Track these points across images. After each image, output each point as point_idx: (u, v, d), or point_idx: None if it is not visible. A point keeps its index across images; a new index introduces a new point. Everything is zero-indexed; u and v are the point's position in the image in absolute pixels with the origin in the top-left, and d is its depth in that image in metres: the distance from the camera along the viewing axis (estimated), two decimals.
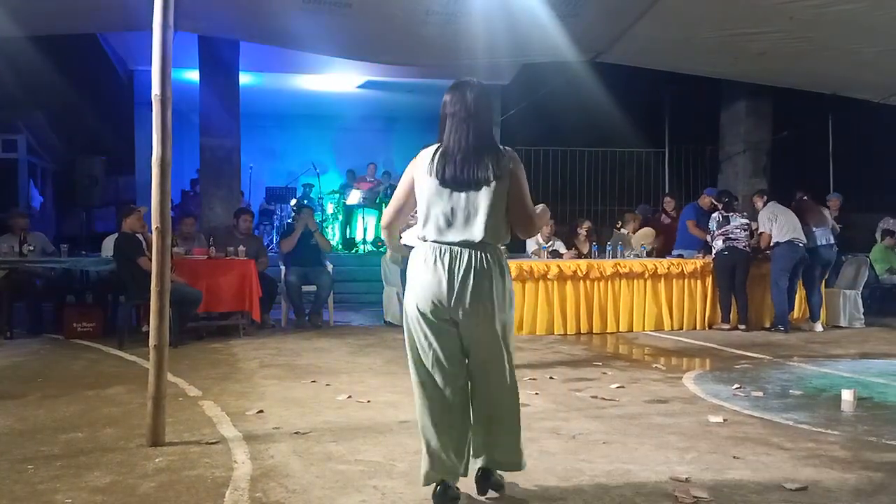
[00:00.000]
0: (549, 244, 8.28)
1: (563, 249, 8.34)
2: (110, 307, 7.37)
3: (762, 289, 8.27)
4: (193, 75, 9.29)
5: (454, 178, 2.68)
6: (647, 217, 10.07)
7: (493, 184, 2.66)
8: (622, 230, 9.10)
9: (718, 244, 7.95)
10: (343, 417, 4.05)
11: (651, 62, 8.92)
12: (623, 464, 3.25)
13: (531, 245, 8.43)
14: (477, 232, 2.66)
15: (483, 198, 2.66)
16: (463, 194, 2.67)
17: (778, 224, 7.84)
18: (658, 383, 5.11)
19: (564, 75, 9.72)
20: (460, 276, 2.64)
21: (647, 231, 9.23)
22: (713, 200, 8.86)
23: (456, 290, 2.64)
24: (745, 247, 7.93)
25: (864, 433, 3.83)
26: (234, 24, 8.06)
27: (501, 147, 2.75)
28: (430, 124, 14.86)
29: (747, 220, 8.01)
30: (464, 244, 2.66)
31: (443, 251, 2.67)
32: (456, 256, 2.66)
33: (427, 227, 2.71)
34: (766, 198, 8.17)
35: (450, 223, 2.68)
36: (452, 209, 2.68)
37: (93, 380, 5.03)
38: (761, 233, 7.96)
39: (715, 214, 8.14)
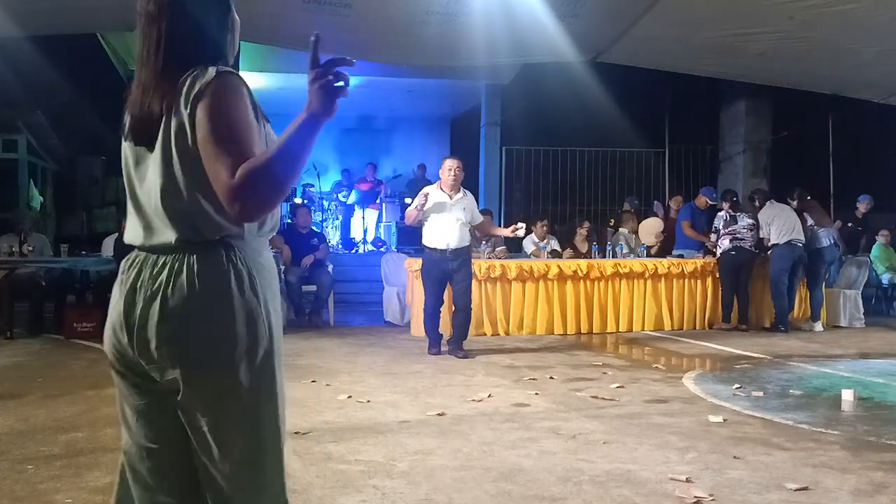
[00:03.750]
0: (545, 242, 8.29)
1: (556, 246, 8.37)
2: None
3: (763, 289, 8.27)
4: None
5: (130, 129, 1.53)
6: (640, 210, 10.08)
7: (172, 130, 1.46)
8: (621, 229, 9.11)
9: (725, 243, 7.94)
10: (343, 417, 4.05)
11: (651, 62, 8.93)
12: (623, 463, 3.25)
13: (529, 245, 8.44)
14: (159, 224, 1.48)
15: (161, 160, 1.48)
16: (144, 159, 1.51)
17: (776, 226, 7.83)
18: (658, 383, 5.11)
19: (564, 75, 9.71)
20: (141, 307, 1.46)
21: (655, 222, 9.21)
22: (708, 200, 8.86)
23: (137, 335, 1.47)
24: (751, 247, 7.94)
25: (864, 433, 3.83)
26: None
27: (206, 67, 1.50)
28: (430, 124, 14.95)
29: (753, 221, 8.00)
30: (154, 248, 1.50)
31: (131, 263, 1.52)
32: (144, 272, 1.48)
33: (126, 220, 1.58)
34: (759, 200, 8.13)
35: (140, 207, 1.52)
36: (133, 186, 1.54)
37: (93, 380, 5.02)
38: (763, 237, 7.95)
39: (722, 213, 8.14)
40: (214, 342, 1.46)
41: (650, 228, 9.14)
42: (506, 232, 6.36)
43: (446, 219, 5.95)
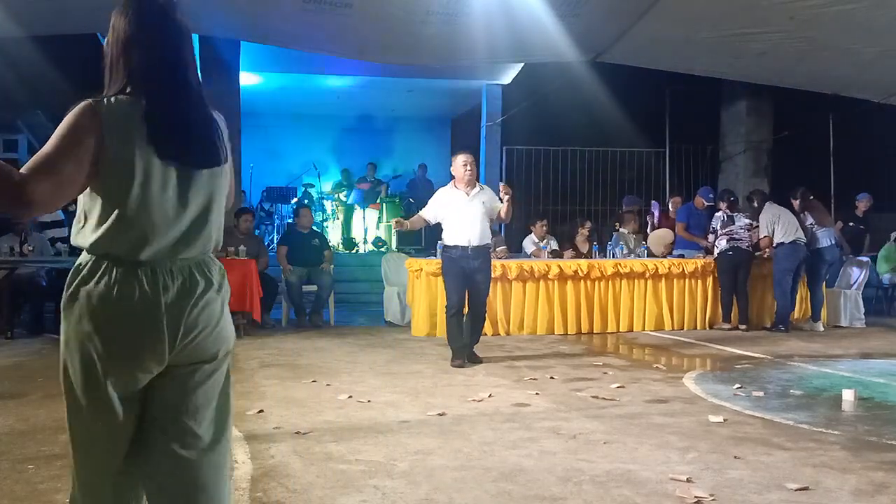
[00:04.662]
0: (545, 242, 8.28)
1: (555, 245, 8.37)
2: None
3: (763, 288, 8.27)
4: None
5: (184, 152, 1.65)
6: (643, 209, 10.08)
7: (226, 164, 1.75)
8: (621, 230, 9.10)
9: (722, 244, 7.94)
10: (343, 417, 4.05)
11: (651, 62, 8.92)
12: (623, 463, 3.25)
13: (529, 246, 8.43)
14: (209, 236, 1.71)
15: (215, 184, 1.71)
16: (192, 179, 1.66)
17: (781, 225, 7.83)
18: (658, 383, 5.11)
19: (565, 75, 9.71)
20: (189, 312, 1.65)
21: (666, 233, 9.17)
22: (704, 200, 8.84)
23: (180, 338, 1.65)
24: (748, 247, 7.94)
25: (864, 433, 3.83)
26: (234, 24, 8.07)
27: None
28: (430, 124, 14.95)
29: (750, 221, 8.01)
30: (188, 261, 1.68)
31: (156, 274, 1.62)
32: (178, 281, 1.65)
33: (124, 230, 1.60)
34: (758, 201, 8.12)
35: (172, 225, 1.64)
36: (176, 203, 1.64)
37: None
38: (763, 236, 7.93)
39: (719, 214, 8.13)
40: (232, 331, 1.81)
41: (661, 239, 9.10)
42: (505, 205, 5.83)
43: (465, 216, 5.74)
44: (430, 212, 5.93)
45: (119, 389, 1.65)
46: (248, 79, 10.53)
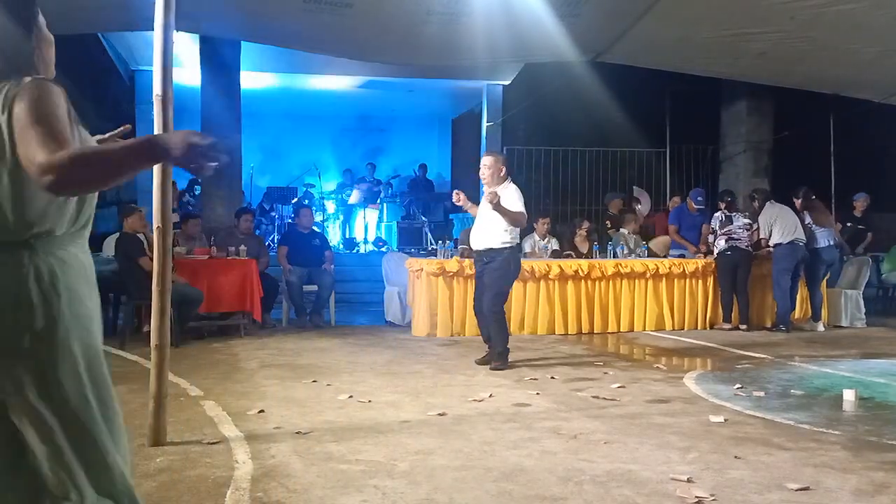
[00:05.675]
0: (546, 241, 8.28)
1: (555, 246, 8.36)
2: (111, 307, 7.38)
3: (763, 289, 8.27)
4: (194, 75, 9.29)
5: None
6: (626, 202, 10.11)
7: None
8: (622, 229, 9.09)
9: (721, 244, 7.95)
10: (344, 417, 4.05)
11: (651, 62, 8.93)
12: (624, 463, 3.25)
13: (527, 246, 8.43)
14: None
15: None
16: None
17: (779, 225, 7.84)
18: (659, 383, 5.11)
19: (565, 75, 9.72)
20: None
21: (666, 240, 9.17)
22: (693, 203, 8.83)
23: None
24: (747, 246, 7.95)
25: (865, 433, 3.83)
26: (234, 24, 8.07)
27: (20, 79, 1.63)
28: (431, 124, 14.96)
29: (749, 221, 8.01)
30: None
31: None
32: None
33: None
34: (759, 200, 8.13)
35: None
36: None
37: None
38: (761, 238, 7.94)
39: (717, 214, 8.14)
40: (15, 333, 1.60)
41: (662, 243, 9.10)
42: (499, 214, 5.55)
43: (478, 218, 5.79)
44: None
45: None
46: (248, 79, 10.53)
